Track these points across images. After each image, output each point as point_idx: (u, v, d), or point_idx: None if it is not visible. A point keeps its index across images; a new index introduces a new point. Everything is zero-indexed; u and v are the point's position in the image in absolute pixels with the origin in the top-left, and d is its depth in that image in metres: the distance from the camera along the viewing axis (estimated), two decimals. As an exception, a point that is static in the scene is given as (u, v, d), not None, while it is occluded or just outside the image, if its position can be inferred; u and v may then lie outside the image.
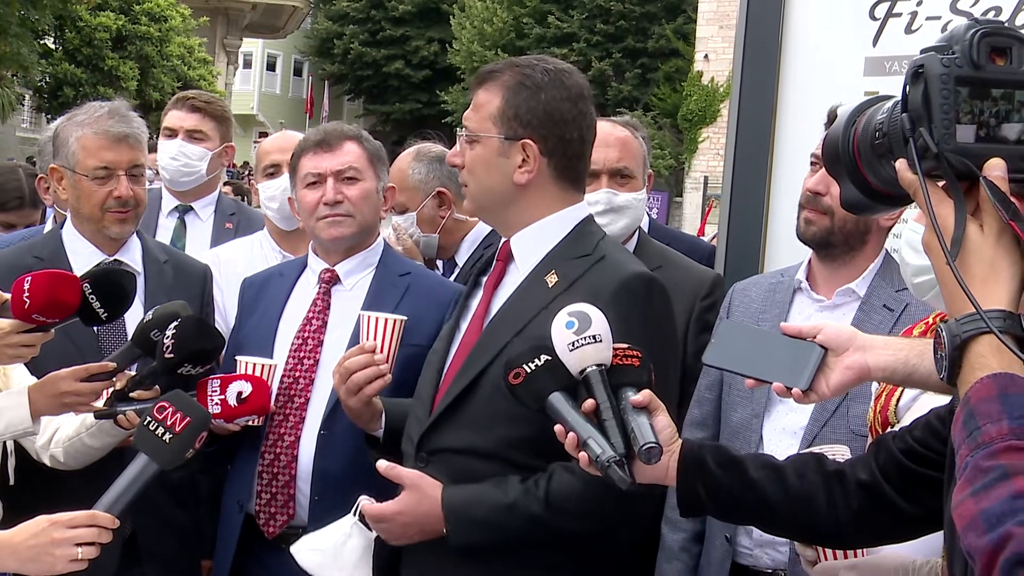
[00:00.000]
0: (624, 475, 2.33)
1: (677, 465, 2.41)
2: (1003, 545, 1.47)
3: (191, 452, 2.83)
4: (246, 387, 3.34)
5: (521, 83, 2.95)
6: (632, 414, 2.39)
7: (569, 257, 2.97)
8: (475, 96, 3.04)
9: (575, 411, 2.43)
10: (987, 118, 1.70)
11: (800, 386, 2.28)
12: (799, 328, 2.37)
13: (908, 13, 4.10)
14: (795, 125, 4.28)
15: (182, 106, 5.27)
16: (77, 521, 2.65)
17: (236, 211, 5.40)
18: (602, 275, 2.90)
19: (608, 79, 35.20)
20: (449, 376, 2.99)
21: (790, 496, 2.38)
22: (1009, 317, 1.65)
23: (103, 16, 30.57)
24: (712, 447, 2.51)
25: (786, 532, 2.68)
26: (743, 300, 3.61)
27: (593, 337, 2.45)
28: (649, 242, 4.01)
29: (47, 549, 2.62)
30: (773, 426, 3.37)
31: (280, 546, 3.48)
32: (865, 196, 1.93)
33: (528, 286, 2.96)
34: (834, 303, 3.43)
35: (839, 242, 3.38)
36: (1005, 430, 1.56)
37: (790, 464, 2.44)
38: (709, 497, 2.42)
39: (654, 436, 2.34)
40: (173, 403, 2.81)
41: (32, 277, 3.00)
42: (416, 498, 2.86)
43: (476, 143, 2.99)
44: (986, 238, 1.69)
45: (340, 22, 47.69)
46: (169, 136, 5.19)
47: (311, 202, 3.65)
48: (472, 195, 3.07)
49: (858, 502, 2.34)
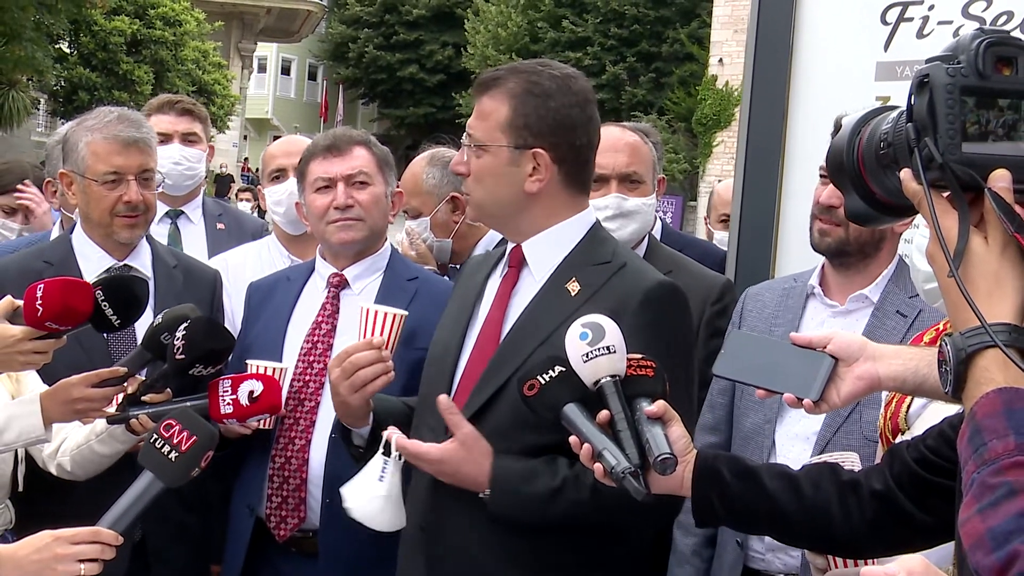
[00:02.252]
0: (639, 486, 2.32)
1: (692, 475, 2.41)
2: (1011, 564, 1.45)
3: (197, 471, 2.81)
4: (257, 386, 3.33)
5: (529, 91, 2.91)
6: (647, 425, 2.38)
7: (588, 264, 2.95)
8: (479, 103, 2.99)
9: (590, 422, 2.43)
10: (993, 128, 1.68)
11: (811, 396, 2.27)
12: (809, 338, 2.36)
13: (920, 18, 4.09)
14: (806, 130, 4.28)
15: (170, 110, 5.26)
16: (80, 537, 2.64)
17: (223, 211, 5.42)
18: (626, 283, 2.89)
19: (622, 83, 35.20)
20: (466, 386, 2.94)
21: (805, 506, 2.37)
22: (1015, 330, 1.63)
23: (118, 20, 30.66)
24: (727, 457, 2.50)
25: (801, 542, 2.66)
26: (756, 305, 3.61)
27: (607, 348, 2.44)
28: (659, 247, 4.01)
29: (49, 564, 2.61)
30: (786, 431, 3.36)
31: (290, 550, 3.50)
32: (870, 207, 1.91)
33: (548, 294, 2.93)
34: (847, 309, 3.43)
35: (854, 251, 3.39)
36: (1011, 446, 1.54)
37: (805, 474, 2.43)
38: (724, 507, 2.41)
39: (669, 447, 2.33)
40: (180, 421, 2.80)
41: (45, 284, 2.99)
42: (463, 456, 2.81)
43: (484, 152, 2.94)
44: (991, 250, 1.66)
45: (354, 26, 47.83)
46: (162, 142, 5.17)
47: (321, 206, 3.65)
48: (478, 204, 3.02)
49: (872, 511, 2.32)
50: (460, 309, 3.10)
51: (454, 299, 3.19)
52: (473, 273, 3.18)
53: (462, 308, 3.09)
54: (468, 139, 2.98)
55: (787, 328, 3.38)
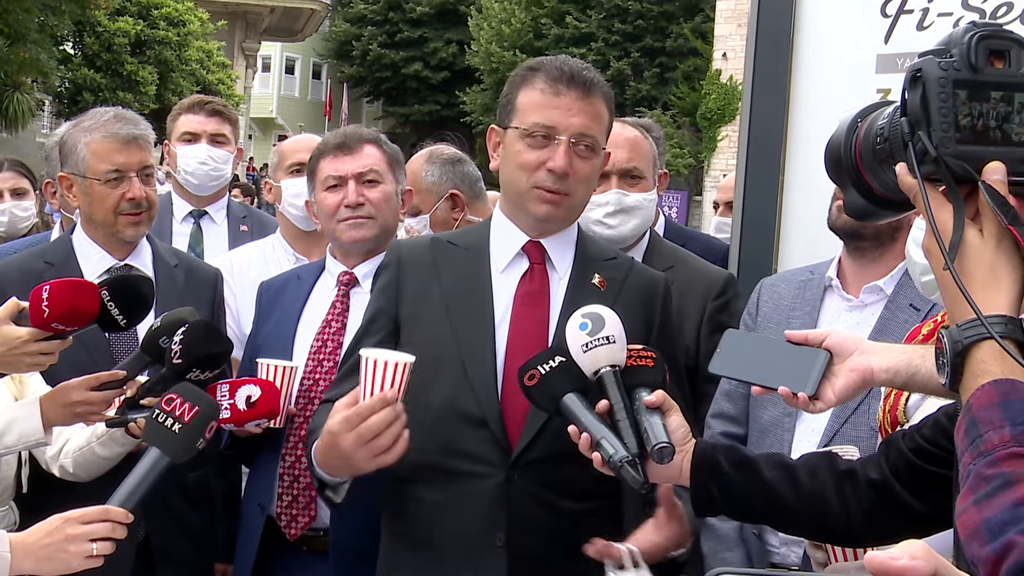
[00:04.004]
0: (637, 475, 2.35)
1: (690, 465, 2.43)
2: (1006, 554, 1.46)
3: (202, 442, 2.82)
4: (255, 391, 3.34)
5: (611, 94, 3.00)
6: (645, 414, 2.41)
7: (599, 260, 3.03)
8: (590, 104, 2.92)
9: (589, 412, 2.45)
10: (987, 121, 1.68)
11: (806, 391, 2.27)
12: (805, 335, 2.36)
13: (920, 10, 4.09)
14: (808, 123, 4.28)
15: (200, 110, 5.30)
16: (90, 517, 2.65)
17: (247, 214, 5.43)
18: (644, 278, 3.06)
19: (627, 78, 35.14)
20: (519, 390, 2.69)
21: (802, 495, 2.38)
22: (1011, 322, 1.63)
23: (122, 21, 30.69)
24: (725, 447, 2.52)
25: (798, 531, 2.67)
26: (772, 296, 3.60)
27: (607, 338, 2.46)
28: (661, 242, 4.00)
29: (61, 546, 2.62)
30: (805, 427, 3.36)
31: (301, 548, 3.50)
32: (869, 202, 1.91)
33: (581, 289, 2.94)
34: (862, 302, 3.42)
35: (869, 235, 3.37)
36: (1007, 437, 1.55)
37: (802, 464, 2.44)
38: (722, 497, 2.42)
39: (666, 436, 2.36)
40: (181, 394, 2.82)
41: (51, 286, 2.99)
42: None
43: (594, 155, 2.95)
44: (986, 243, 1.67)
45: (358, 24, 47.75)
46: (189, 141, 5.20)
47: (331, 205, 3.66)
48: (575, 206, 3.01)
49: (869, 501, 2.34)
50: (462, 308, 2.96)
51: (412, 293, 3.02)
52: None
53: (466, 307, 2.96)
54: (578, 140, 2.91)
55: (804, 321, 3.39)
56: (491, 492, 2.81)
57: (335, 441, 2.67)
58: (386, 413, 2.64)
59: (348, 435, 2.65)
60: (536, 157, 2.89)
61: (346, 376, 3.01)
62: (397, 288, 3.02)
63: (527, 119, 2.90)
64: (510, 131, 2.94)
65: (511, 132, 2.94)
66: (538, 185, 2.90)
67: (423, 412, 2.82)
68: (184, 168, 5.18)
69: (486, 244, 3.04)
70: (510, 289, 2.97)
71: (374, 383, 2.67)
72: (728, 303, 3.71)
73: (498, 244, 3.02)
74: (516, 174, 2.93)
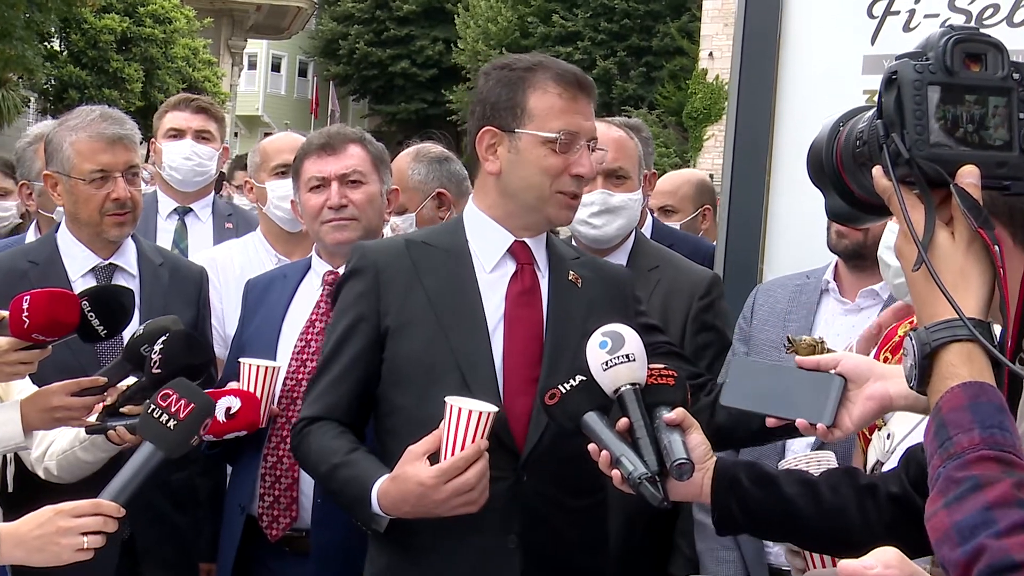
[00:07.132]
0: (656, 492, 2.36)
1: (711, 482, 2.42)
2: (976, 558, 1.46)
3: (196, 439, 2.82)
4: (235, 403, 3.34)
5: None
6: (665, 432, 2.42)
7: (567, 258, 3.06)
8: (592, 107, 2.99)
9: (609, 430, 2.47)
10: (961, 124, 1.68)
11: (824, 421, 2.28)
12: (816, 360, 2.37)
13: (906, 11, 4.09)
14: (794, 124, 4.27)
15: (186, 107, 5.31)
16: (82, 510, 2.64)
17: (232, 211, 5.43)
18: (608, 273, 3.16)
19: (613, 78, 35.12)
20: (517, 388, 2.84)
21: (823, 511, 2.38)
22: (979, 325, 1.64)
23: (108, 18, 30.55)
24: (745, 464, 2.52)
25: (820, 547, 2.65)
26: (767, 300, 3.60)
27: (626, 356, 2.49)
28: (646, 242, 4.00)
29: (52, 538, 2.62)
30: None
31: (283, 549, 3.50)
32: (850, 206, 1.91)
33: (559, 288, 2.98)
34: (858, 306, 3.43)
35: (871, 254, 3.37)
36: (976, 440, 1.55)
37: (823, 479, 2.44)
38: (743, 514, 2.42)
39: (686, 453, 2.37)
40: (176, 390, 2.81)
41: (31, 296, 3.00)
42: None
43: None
44: (956, 246, 1.67)
45: (345, 22, 47.62)
46: (175, 137, 5.20)
47: (315, 206, 3.65)
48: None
49: (890, 515, 2.33)
50: (452, 313, 2.93)
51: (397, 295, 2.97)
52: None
53: (456, 311, 2.93)
54: (592, 144, 2.94)
55: (800, 325, 3.40)
56: (502, 495, 2.78)
57: (425, 492, 2.64)
58: (482, 465, 2.64)
59: (444, 488, 2.63)
60: (561, 162, 2.87)
61: (331, 386, 2.98)
62: (378, 296, 2.95)
63: (549, 125, 2.86)
64: (525, 136, 2.87)
65: (527, 137, 2.87)
66: (562, 190, 2.90)
67: (427, 422, 2.75)
68: (169, 164, 5.19)
69: (465, 245, 3.00)
70: (500, 290, 2.96)
71: (457, 431, 2.64)
72: (713, 303, 3.71)
73: (481, 245, 3.00)
74: (538, 179, 2.89)
